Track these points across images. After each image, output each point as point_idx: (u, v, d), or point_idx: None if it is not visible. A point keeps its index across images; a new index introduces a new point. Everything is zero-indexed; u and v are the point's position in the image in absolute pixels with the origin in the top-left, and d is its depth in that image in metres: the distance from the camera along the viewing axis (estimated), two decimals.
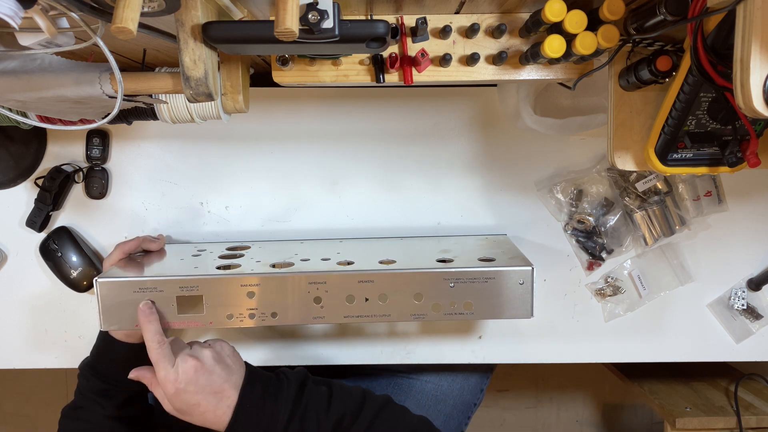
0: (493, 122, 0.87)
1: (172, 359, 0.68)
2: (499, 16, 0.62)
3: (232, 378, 0.69)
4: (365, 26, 0.50)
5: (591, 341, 0.90)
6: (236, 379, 0.69)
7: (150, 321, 0.69)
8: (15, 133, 0.85)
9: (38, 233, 0.87)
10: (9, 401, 1.70)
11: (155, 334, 0.68)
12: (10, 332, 0.90)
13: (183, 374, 0.67)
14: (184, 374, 0.67)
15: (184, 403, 0.68)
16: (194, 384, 0.67)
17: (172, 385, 0.67)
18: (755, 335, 0.89)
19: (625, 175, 0.86)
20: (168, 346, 0.69)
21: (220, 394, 0.68)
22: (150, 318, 0.69)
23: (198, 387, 0.67)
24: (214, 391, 0.67)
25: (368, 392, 0.76)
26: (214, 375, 0.68)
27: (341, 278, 0.71)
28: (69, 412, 0.82)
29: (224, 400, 0.68)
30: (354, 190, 0.88)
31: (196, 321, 0.72)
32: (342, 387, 0.75)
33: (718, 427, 1.00)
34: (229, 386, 0.68)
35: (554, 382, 1.70)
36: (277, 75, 0.62)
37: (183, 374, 0.67)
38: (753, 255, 0.89)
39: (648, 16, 0.53)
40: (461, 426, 1.00)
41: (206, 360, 0.68)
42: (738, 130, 0.58)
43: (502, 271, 0.71)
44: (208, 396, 0.67)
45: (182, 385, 0.67)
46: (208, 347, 0.70)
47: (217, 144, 0.88)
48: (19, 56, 0.52)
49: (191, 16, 0.49)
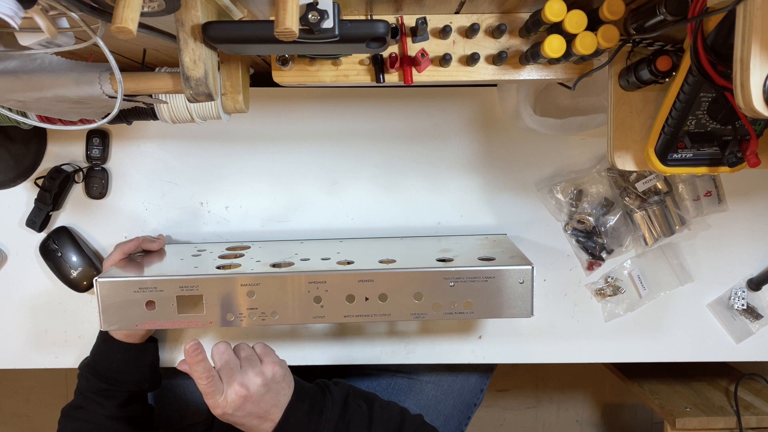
0: (493, 122, 0.87)
1: (221, 390, 0.68)
2: (499, 16, 0.62)
3: (281, 401, 0.70)
4: (365, 26, 0.50)
5: (591, 341, 0.90)
6: (284, 401, 0.70)
7: (196, 362, 0.67)
8: (15, 133, 0.85)
9: (38, 233, 0.87)
10: (9, 401, 1.70)
11: (203, 372, 0.67)
12: (10, 332, 0.90)
13: (231, 403, 0.67)
14: (232, 403, 0.67)
15: (228, 421, 0.69)
16: (241, 410, 0.68)
17: (219, 410, 0.68)
18: (755, 335, 0.89)
19: (625, 175, 0.86)
20: (217, 379, 0.68)
21: (265, 417, 0.69)
22: (196, 359, 0.67)
23: (245, 413, 0.68)
24: (260, 415, 0.69)
25: (406, 411, 0.79)
26: (261, 402, 0.69)
27: (341, 278, 0.71)
28: (69, 412, 0.82)
29: (268, 421, 0.69)
30: (354, 190, 0.88)
31: (196, 321, 0.72)
32: (382, 406, 0.77)
33: (718, 427, 0.99)
34: (276, 409, 0.70)
35: (554, 382, 1.70)
36: (277, 75, 0.62)
37: (231, 403, 0.67)
38: (753, 255, 0.89)
39: (648, 16, 0.53)
40: (461, 426, 1.00)
41: (255, 390, 0.68)
42: (738, 130, 0.58)
43: (502, 270, 0.71)
44: (253, 419, 0.69)
45: (230, 411, 0.68)
46: (260, 375, 0.69)
47: (217, 144, 0.88)
48: (19, 56, 0.52)
49: (191, 16, 0.49)
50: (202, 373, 0.67)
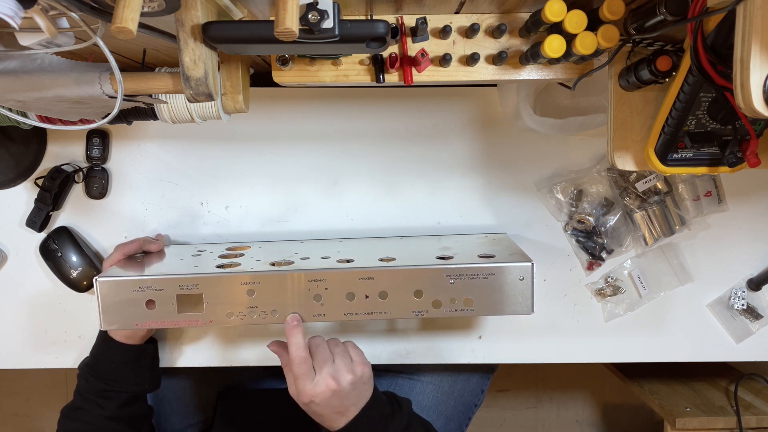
0: (493, 122, 0.87)
1: (312, 375, 0.70)
2: (499, 16, 0.62)
3: (361, 401, 0.72)
4: (365, 26, 0.50)
5: (591, 341, 0.90)
6: (363, 402, 0.72)
7: (293, 334, 0.70)
8: (15, 133, 0.85)
9: (38, 233, 0.87)
10: (9, 401, 1.70)
11: (299, 348, 0.70)
12: (10, 332, 0.90)
13: (320, 393, 0.69)
14: (321, 394, 0.69)
15: (309, 409, 0.71)
16: (326, 402, 0.70)
17: (306, 397, 0.70)
18: (755, 335, 0.89)
19: (625, 175, 0.86)
20: (310, 363, 0.70)
21: (343, 412, 0.71)
22: (294, 331, 0.70)
23: (329, 406, 0.70)
24: (340, 411, 0.71)
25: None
26: (346, 399, 0.70)
27: (341, 275, 0.71)
28: (68, 412, 0.82)
29: (345, 416, 0.71)
30: (354, 191, 0.88)
31: (196, 320, 0.72)
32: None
33: (718, 427, 0.99)
34: (355, 408, 0.71)
35: (554, 382, 1.70)
36: (277, 75, 0.62)
37: (320, 393, 0.69)
38: (753, 255, 0.89)
39: (648, 16, 0.53)
40: (462, 427, 1.00)
41: (345, 386, 0.70)
42: (738, 130, 0.58)
43: (502, 267, 0.71)
44: (332, 413, 0.71)
45: (316, 400, 0.69)
46: (351, 373, 0.71)
47: (217, 144, 0.88)
48: (19, 56, 0.52)
49: (191, 16, 0.49)
50: (298, 349, 0.69)
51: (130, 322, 0.71)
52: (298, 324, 0.71)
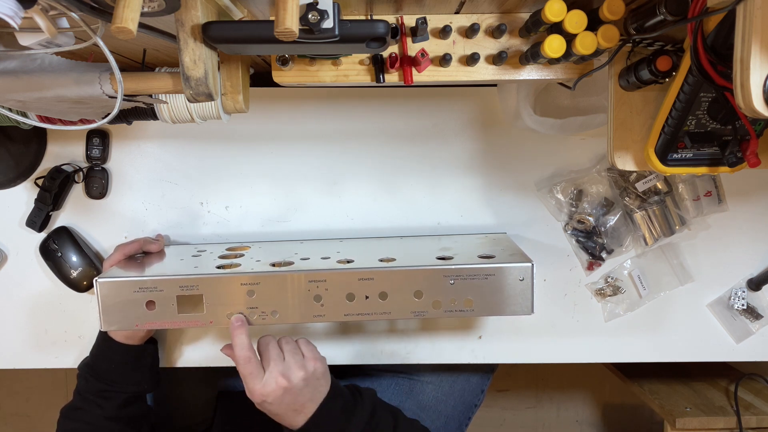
0: (493, 122, 0.87)
1: (260, 374, 0.69)
2: (499, 16, 0.62)
3: (317, 396, 0.71)
4: (365, 26, 0.50)
5: (591, 341, 0.90)
6: (319, 397, 0.71)
7: (237, 335, 0.70)
8: (15, 133, 0.85)
9: (38, 233, 0.87)
10: (9, 401, 1.70)
11: (242, 348, 0.69)
12: (10, 332, 0.90)
13: (271, 392, 0.68)
14: (272, 392, 0.68)
15: (264, 409, 0.71)
16: (279, 401, 0.69)
17: (258, 397, 0.69)
18: (755, 335, 0.89)
19: (625, 175, 0.86)
20: (256, 362, 0.69)
21: (300, 410, 0.70)
22: (237, 332, 0.70)
23: (283, 404, 0.69)
24: (296, 408, 0.70)
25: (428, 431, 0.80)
26: (300, 396, 0.70)
27: (341, 276, 0.71)
28: (68, 412, 0.82)
29: (303, 413, 0.70)
30: (354, 191, 0.88)
31: (196, 320, 0.72)
32: (406, 420, 0.78)
33: (718, 427, 0.99)
34: (312, 404, 0.71)
35: (554, 382, 1.70)
36: (277, 75, 0.62)
37: (271, 392, 0.68)
38: (753, 255, 0.89)
39: (648, 16, 0.53)
40: (462, 427, 0.99)
41: (296, 382, 0.69)
42: (738, 130, 0.58)
43: (502, 268, 0.71)
44: (289, 411, 0.70)
45: (269, 399, 0.69)
46: (302, 369, 0.70)
47: (217, 144, 0.88)
48: (19, 56, 0.52)
49: (191, 16, 0.49)
50: (241, 349, 0.68)
51: (130, 322, 0.71)
52: (242, 324, 0.70)
